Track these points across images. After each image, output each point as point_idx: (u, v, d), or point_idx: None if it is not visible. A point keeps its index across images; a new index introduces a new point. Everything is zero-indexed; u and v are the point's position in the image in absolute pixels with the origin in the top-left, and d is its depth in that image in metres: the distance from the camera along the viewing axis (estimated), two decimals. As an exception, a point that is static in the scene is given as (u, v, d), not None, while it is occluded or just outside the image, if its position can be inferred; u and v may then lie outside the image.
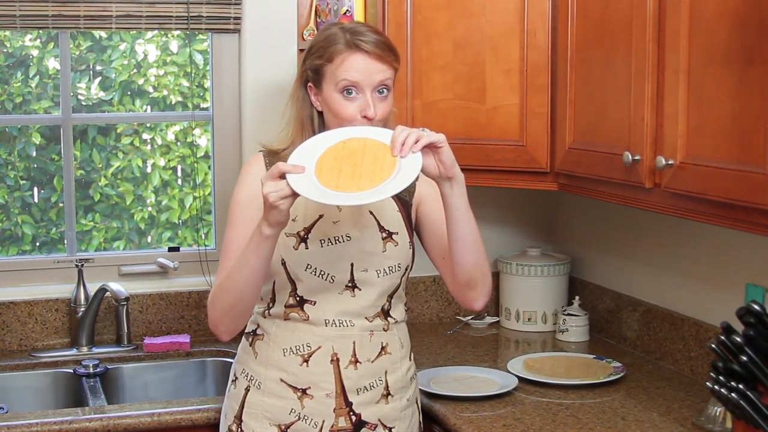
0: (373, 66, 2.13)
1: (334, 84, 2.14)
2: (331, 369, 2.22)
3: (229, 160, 3.31)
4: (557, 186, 2.70)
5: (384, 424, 2.27)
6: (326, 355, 2.22)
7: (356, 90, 2.13)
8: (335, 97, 2.14)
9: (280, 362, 2.23)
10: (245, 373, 2.29)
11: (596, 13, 2.42)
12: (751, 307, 1.91)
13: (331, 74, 2.14)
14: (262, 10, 3.19)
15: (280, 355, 2.23)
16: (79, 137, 3.47)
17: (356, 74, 2.13)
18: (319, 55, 2.17)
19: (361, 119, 2.13)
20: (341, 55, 2.13)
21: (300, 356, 2.22)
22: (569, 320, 3.08)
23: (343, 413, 2.23)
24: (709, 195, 2.00)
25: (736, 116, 1.92)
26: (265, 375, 2.25)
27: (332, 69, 2.14)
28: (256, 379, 2.26)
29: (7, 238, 3.46)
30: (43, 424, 2.42)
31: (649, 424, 2.34)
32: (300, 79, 2.24)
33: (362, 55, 2.13)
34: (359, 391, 2.24)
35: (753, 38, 1.86)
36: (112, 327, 3.11)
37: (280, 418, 2.23)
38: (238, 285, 2.10)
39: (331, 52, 2.14)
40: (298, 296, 2.22)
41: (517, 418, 2.40)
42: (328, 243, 2.20)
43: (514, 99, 2.71)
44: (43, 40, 3.43)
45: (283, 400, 2.23)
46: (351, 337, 2.22)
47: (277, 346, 2.24)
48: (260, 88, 3.24)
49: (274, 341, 2.24)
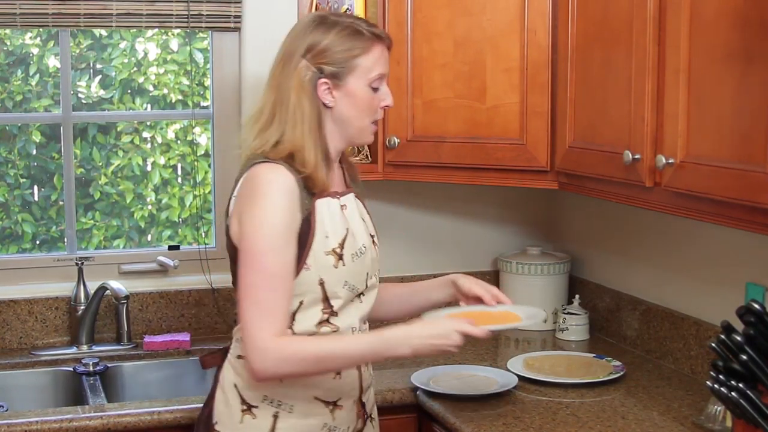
0: (388, 57, 2.17)
1: (366, 77, 2.11)
2: (357, 375, 2.21)
3: (229, 158, 3.30)
4: (557, 185, 2.70)
5: (372, 415, 2.32)
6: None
7: (380, 83, 2.14)
8: (365, 91, 2.12)
9: (313, 380, 2.12)
10: (269, 399, 2.12)
11: (597, 11, 2.42)
12: (751, 306, 1.91)
13: (365, 68, 2.10)
14: (263, 9, 3.19)
15: None
16: (79, 135, 3.47)
17: (386, 66, 2.15)
18: (346, 49, 2.10)
19: (379, 111, 2.17)
20: (376, 48, 2.12)
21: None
22: (569, 319, 3.08)
23: (361, 415, 2.25)
24: (710, 194, 2.00)
25: (736, 115, 1.92)
26: (296, 396, 2.13)
27: (367, 62, 2.10)
28: (285, 403, 2.13)
29: (7, 236, 3.46)
30: (43, 423, 2.42)
31: (649, 423, 2.34)
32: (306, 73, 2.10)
33: (384, 47, 2.15)
34: (367, 390, 2.27)
35: (753, 37, 1.86)
36: (112, 325, 3.11)
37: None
38: (337, 366, 2.11)
39: (363, 46, 2.10)
40: (333, 312, 2.13)
41: (516, 416, 2.40)
42: (355, 256, 2.15)
43: (515, 98, 2.71)
44: (44, 38, 3.43)
45: (316, 417, 2.16)
46: None
47: None
48: (260, 86, 3.20)
49: None
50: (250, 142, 2.16)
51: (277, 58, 2.19)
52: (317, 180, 2.08)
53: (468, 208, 3.38)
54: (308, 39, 2.12)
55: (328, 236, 2.10)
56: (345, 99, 2.11)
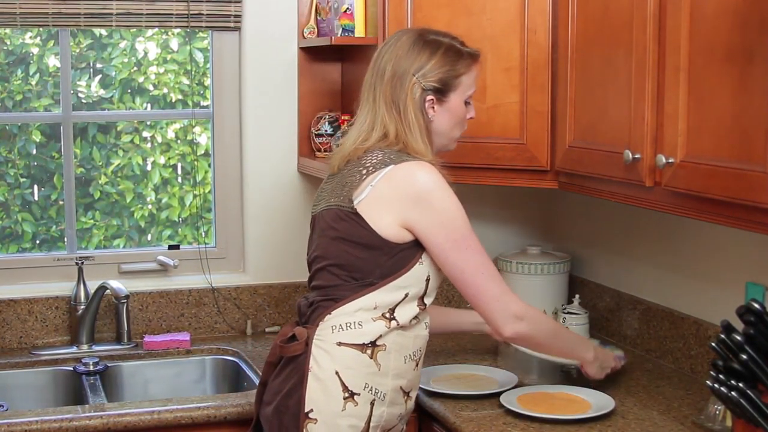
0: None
1: (465, 94, 2.33)
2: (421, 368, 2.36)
3: (229, 158, 3.31)
4: (557, 184, 2.70)
5: None
6: (424, 356, 2.35)
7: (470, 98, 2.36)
8: (462, 107, 2.34)
9: (401, 370, 2.25)
10: (369, 387, 2.20)
11: (597, 11, 2.42)
12: (751, 305, 1.91)
13: (466, 85, 2.32)
14: (263, 8, 3.19)
15: (401, 363, 2.24)
16: (79, 135, 3.47)
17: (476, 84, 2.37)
18: (453, 68, 2.29)
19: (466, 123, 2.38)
20: (474, 67, 2.34)
21: (415, 361, 2.29)
22: (569, 319, 3.08)
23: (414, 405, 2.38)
24: (710, 193, 2.00)
25: (736, 115, 1.92)
26: (389, 385, 2.23)
27: (468, 81, 2.32)
28: (380, 391, 2.22)
29: (7, 236, 3.46)
30: (43, 422, 2.42)
31: (648, 423, 2.34)
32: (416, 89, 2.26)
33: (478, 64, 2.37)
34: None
35: (753, 37, 1.86)
36: (112, 325, 3.11)
37: (390, 424, 2.28)
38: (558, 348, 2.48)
39: (466, 66, 2.31)
40: (425, 310, 2.29)
41: (517, 416, 2.39)
42: None
43: (515, 97, 2.71)
44: (44, 37, 3.42)
45: (398, 406, 2.27)
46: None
47: (400, 354, 2.24)
48: (260, 86, 3.24)
49: (397, 350, 2.23)
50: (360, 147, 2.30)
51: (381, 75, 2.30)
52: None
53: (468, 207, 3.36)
54: (417, 59, 2.28)
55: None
56: (445, 114, 2.31)
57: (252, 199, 3.27)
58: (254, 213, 3.28)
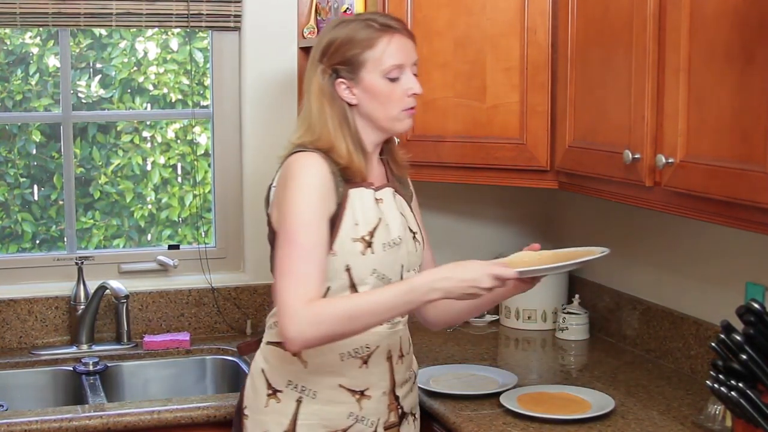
0: (409, 45, 2.19)
1: (379, 70, 2.14)
2: (387, 367, 2.23)
3: (229, 158, 3.31)
4: (557, 184, 2.70)
5: (413, 413, 2.35)
6: (383, 353, 2.22)
7: (399, 72, 2.15)
8: (381, 84, 2.14)
9: (338, 368, 2.18)
10: (293, 384, 2.18)
11: (597, 11, 2.42)
12: (751, 305, 1.91)
13: (375, 60, 2.13)
14: (263, 8, 3.19)
15: (336, 361, 2.18)
16: (79, 135, 3.47)
17: (400, 56, 2.15)
18: (352, 46, 2.14)
19: (409, 99, 2.17)
20: (383, 39, 2.14)
21: (359, 359, 2.19)
22: (569, 318, 3.09)
23: (393, 408, 2.26)
24: (709, 193, 2.00)
25: (736, 115, 1.92)
26: (320, 383, 2.18)
27: (375, 55, 2.13)
28: (309, 389, 2.18)
29: (7, 235, 3.46)
30: (42, 422, 2.42)
31: (648, 423, 2.34)
32: (323, 77, 2.16)
33: (400, 36, 2.16)
34: (402, 384, 2.29)
35: (753, 37, 1.86)
36: (111, 325, 3.11)
37: (337, 423, 2.20)
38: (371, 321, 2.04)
39: (368, 39, 2.14)
40: None
41: (516, 416, 2.39)
42: (387, 246, 2.18)
43: (515, 97, 2.71)
44: (43, 37, 3.42)
45: (341, 405, 2.19)
46: (398, 332, 2.25)
47: (334, 352, 2.17)
48: (260, 86, 3.24)
49: (330, 348, 2.15)
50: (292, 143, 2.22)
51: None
52: (354, 170, 2.14)
53: (468, 207, 3.38)
54: (323, 45, 2.19)
55: (358, 224, 2.15)
56: (364, 95, 2.15)
57: (252, 199, 3.27)
58: (254, 213, 3.28)
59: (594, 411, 2.37)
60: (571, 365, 2.88)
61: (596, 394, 2.49)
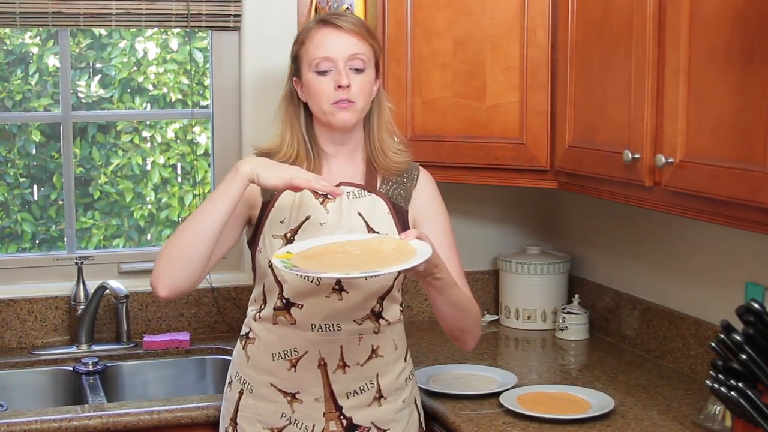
0: (344, 38, 2.15)
1: (309, 65, 2.16)
2: (319, 374, 2.20)
3: (228, 157, 3.30)
4: (557, 184, 2.70)
5: (378, 426, 2.26)
6: (313, 360, 2.20)
7: (329, 65, 2.14)
8: (311, 78, 2.16)
9: (270, 367, 2.22)
10: (239, 376, 2.30)
11: (597, 11, 2.42)
12: (750, 305, 1.91)
13: (306, 56, 2.16)
14: (262, 8, 3.19)
15: (269, 360, 2.22)
16: (78, 135, 3.47)
17: (327, 48, 2.15)
18: (295, 43, 2.21)
19: (336, 91, 2.13)
20: (312, 34, 2.18)
21: (288, 361, 2.21)
22: (569, 318, 3.09)
23: (333, 417, 2.22)
24: (709, 193, 2.00)
25: (736, 114, 1.92)
26: (256, 379, 2.25)
27: (306, 50, 2.17)
28: (248, 383, 2.27)
29: (7, 235, 3.46)
30: (42, 422, 2.42)
31: (648, 423, 2.34)
32: (288, 78, 2.25)
33: (331, 29, 2.16)
34: (349, 395, 2.22)
35: (753, 37, 1.86)
36: (111, 325, 3.11)
37: (272, 422, 2.23)
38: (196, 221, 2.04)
39: (303, 35, 2.20)
40: (284, 299, 2.19)
41: (516, 416, 2.39)
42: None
43: (514, 97, 2.70)
44: (43, 37, 3.43)
45: (273, 404, 2.23)
46: (338, 341, 2.20)
47: (267, 350, 2.23)
48: (260, 86, 3.24)
49: (264, 345, 2.23)
50: None
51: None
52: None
53: (468, 207, 3.38)
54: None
55: (283, 221, 2.18)
56: (305, 91, 2.19)
57: (252, 198, 3.27)
58: (254, 213, 3.28)
59: (594, 411, 2.37)
60: (571, 365, 2.88)
61: (596, 394, 2.49)
